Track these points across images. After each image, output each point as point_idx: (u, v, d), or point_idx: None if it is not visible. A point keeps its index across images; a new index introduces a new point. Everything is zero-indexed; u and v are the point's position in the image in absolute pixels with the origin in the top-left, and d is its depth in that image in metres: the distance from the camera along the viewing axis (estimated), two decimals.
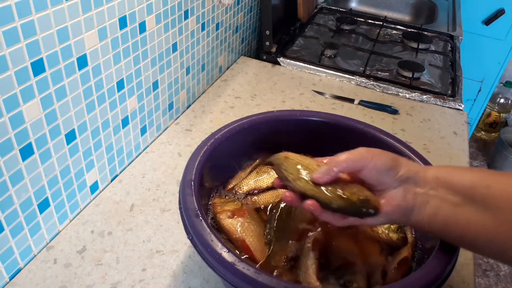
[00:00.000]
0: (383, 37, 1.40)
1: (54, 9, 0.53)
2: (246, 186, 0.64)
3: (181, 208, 0.50)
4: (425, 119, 1.00)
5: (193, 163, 0.55)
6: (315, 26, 1.42)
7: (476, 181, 0.41)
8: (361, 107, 1.02)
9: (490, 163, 2.41)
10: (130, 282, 0.59)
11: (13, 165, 0.54)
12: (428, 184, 0.44)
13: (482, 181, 0.41)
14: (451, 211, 0.42)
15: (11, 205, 0.56)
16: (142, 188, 0.75)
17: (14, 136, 0.53)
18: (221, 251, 0.44)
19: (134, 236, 0.66)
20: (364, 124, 0.65)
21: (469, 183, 0.42)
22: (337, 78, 1.14)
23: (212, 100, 1.00)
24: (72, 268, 0.61)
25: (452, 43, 1.37)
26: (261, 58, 1.21)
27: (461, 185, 0.42)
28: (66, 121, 0.61)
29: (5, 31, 0.48)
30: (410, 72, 1.14)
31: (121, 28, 0.67)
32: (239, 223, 0.56)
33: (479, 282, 1.79)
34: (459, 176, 0.43)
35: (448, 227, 0.43)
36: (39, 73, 0.54)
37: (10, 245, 0.58)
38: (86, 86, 0.63)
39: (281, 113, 0.67)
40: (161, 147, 0.85)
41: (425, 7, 1.64)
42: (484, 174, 0.42)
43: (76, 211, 0.69)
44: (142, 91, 0.78)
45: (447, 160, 0.88)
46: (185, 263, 0.63)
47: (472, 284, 0.62)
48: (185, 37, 0.87)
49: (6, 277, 0.58)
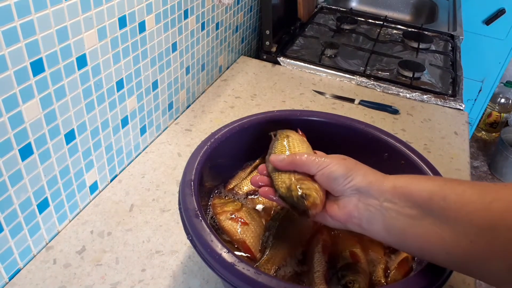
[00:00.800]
0: (384, 36, 1.40)
1: (54, 9, 0.53)
2: (247, 187, 0.64)
3: (181, 208, 0.50)
4: (425, 119, 1.00)
5: (193, 163, 0.55)
6: (315, 25, 1.42)
7: (434, 191, 0.40)
8: (362, 107, 1.02)
9: (491, 163, 2.41)
10: (129, 283, 0.59)
11: (13, 165, 0.54)
12: (383, 195, 0.43)
13: (439, 192, 0.40)
14: (408, 224, 0.41)
15: (11, 205, 0.56)
16: (142, 188, 0.75)
17: (13, 136, 0.53)
18: (221, 252, 0.44)
19: (133, 237, 0.66)
20: (364, 124, 0.65)
21: (426, 194, 0.40)
22: (338, 78, 1.14)
23: (212, 100, 1.00)
24: (71, 269, 0.61)
25: (453, 43, 1.37)
26: (261, 58, 1.20)
27: (419, 196, 0.41)
28: (65, 121, 0.61)
29: (5, 30, 0.48)
30: (411, 72, 1.14)
31: (120, 27, 0.67)
32: (239, 224, 0.56)
33: (479, 282, 1.78)
34: (417, 186, 0.42)
35: (406, 240, 0.42)
36: (38, 73, 0.54)
37: (10, 245, 0.57)
38: (86, 86, 0.63)
39: (281, 113, 0.66)
40: (161, 147, 0.84)
41: (425, 7, 1.64)
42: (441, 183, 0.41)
43: (76, 211, 0.69)
44: (142, 91, 0.78)
45: (448, 160, 0.88)
46: (185, 263, 0.63)
47: (473, 285, 0.62)
48: (184, 36, 0.87)
49: (6, 277, 0.58)
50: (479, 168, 2.44)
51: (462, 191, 0.39)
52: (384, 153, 0.63)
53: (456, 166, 0.86)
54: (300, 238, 0.57)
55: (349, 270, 0.51)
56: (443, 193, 0.39)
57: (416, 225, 0.41)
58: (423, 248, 0.41)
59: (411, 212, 0.41)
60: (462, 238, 0.37)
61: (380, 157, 0.63)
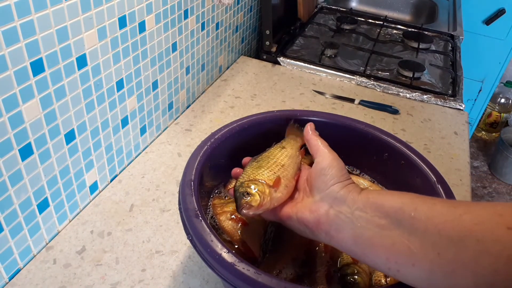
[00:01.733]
0: (384, 36, 1.40)
1: (54, 9, 0.53)
2: None
3: (181, 208, 0.49)
4: (425, 119, 1.00)
5: (193, 163, 0.55)
6: (315, 25, 1.42)
7: (405, 203, 0.40)
8: (362, 107, 1.02)
9: (491, 163, 2.41)
10: (129, 283, 0.59)
11: (13, 165, 0.54)
12: (355, 204, 0.43)
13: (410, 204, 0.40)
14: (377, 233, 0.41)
15: (11, 205, 0.56)
16: (142, 188, 0.75)
17: (13, 136, 0.53)
18: (221, 252, 0.44)
19: (133, 237, 0.66)
20: (364, 124, 0.65)
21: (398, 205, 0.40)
22: (338, 78, 1.14)
23: (212, 100, 1.00)
24: (71, 269, 0.61)
25: (453, 43, 1.37)
26: (261, 58, 1.20)
27: (390, 207, 0.41)
28: (65, 121, 0.61)
29: (5, 30, 0.48)
30: (411, 72, 1.14)
31: (120, 27, 0.67)
32: (239, 225, 0.56)
33: None
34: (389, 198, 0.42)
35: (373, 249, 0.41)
36: (38, 73, 0.54)
37: (10, 245, 0.57)
38: (86, 86, 0.63)
39: (281, 113, 0.66)
40: (161, 147, 0.84)
41: (425, 7, 1.64)
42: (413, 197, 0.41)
43: (76, 211, 0.69)
44: (142, 91, 0.78)
45: (448, 160, 0.88)
46: (185, 263, 0.63)
47: None
48: (184, 36, 0.87)
49: (6, 277, 0.58)
50: (479, 168, 2.44)
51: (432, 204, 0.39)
52: (384, 153, 0.63)
53: (456, 166, 0.86)
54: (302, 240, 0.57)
55: (349, 270, 0.51)
56: (414, 205, 0.39)
57: (384, 235, 0.40)
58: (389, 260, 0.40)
59: (381, 222, 0.41)
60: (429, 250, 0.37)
61: (380, 157, 0.63)
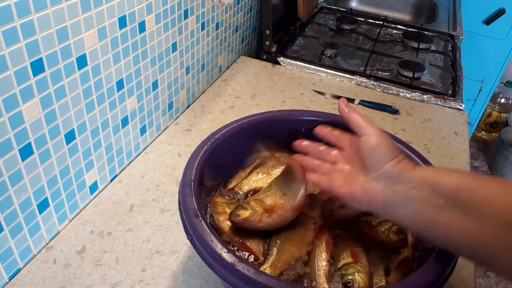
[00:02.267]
0: (384, 36, 1.40)
1: (54, 9, 0.53)
2: (247, 186, 0.64)
3: (181, 208, 0.50)
4: (425, 119, 1.00)
5: (193, 163, 0.55)
6: (315, 25, 1.42)
7: (461, 184, 0.41)
8: (362, 107, 1.02)
9: (491, 163, 2.41)
10: (129, 283, 0.59)
11: (13, 165, 0.54)
12: (411, 183, 0.44)
13: (467, 185, 0.41)
14: (433, 213, 0.42)
15: (11, 205, 0.56)
16: (142, 188, 0.75)
17: (13, 136, 0.53)
18: (221, 252, 0.44)
19: (133, 237, 0.66)
20: None
21: (454, 186, 0.41)
22: (338, 78, 1.14)
23: (212, 100, 1.00)
24: (71, 269, 0.61)
25: (453, 43, 1.37)
26: (261, 58, 1.20)
27: (447, 187, 0.42)
28: (65, 121, 0.61)
29: (5, 30, 0.48)
30: (411, 72, 1.14)
31: (120, 27, 0.67)
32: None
33: (479, 282, 1.79)
34: (445, 177, 0.43)
35: (430, 228, 0.43)
36: (38, 73, 0.54)
37: (10, 245, 0.57)
38: (86, 86, 0.63)
39: (281, 113, 0.66)
40: (161, 147, 0.84)
41: (425, 7, 1.64)
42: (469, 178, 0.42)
43: (76, 211, 0.69)
44: (142, 91, 0.78)
45: (448, 160, 0.88)
46: (185, 263, 0.63)
47: (473, 285, 0.62)
48: (184, 36, 0.87)
49: (6, 277, 0.58)
50: (479, 168, 2.44)
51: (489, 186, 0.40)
52: None
53: (456, 166, 0.86)
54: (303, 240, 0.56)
55: (350, 270, 0.51)
56: (471, 186, 0.40)
57: (441, 215, 0.41)
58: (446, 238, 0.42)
59: (437, 201, 0.42)
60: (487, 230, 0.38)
61: None
